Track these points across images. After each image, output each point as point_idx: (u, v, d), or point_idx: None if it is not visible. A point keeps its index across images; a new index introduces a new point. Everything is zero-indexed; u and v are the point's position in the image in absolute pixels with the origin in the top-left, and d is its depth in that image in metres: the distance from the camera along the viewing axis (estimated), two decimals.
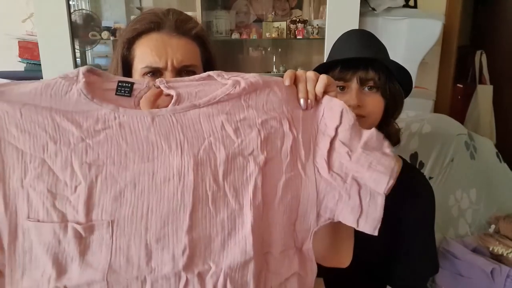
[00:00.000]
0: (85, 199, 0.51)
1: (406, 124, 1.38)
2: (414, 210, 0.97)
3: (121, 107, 0.55)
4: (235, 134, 0.56)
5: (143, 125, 0.54)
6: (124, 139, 0.53)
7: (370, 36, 0.95)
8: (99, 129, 0.53)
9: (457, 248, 1.27)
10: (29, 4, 1.73)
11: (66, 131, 0.53)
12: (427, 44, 1.93)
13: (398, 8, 1.88)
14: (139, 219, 0.52)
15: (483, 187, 1.45)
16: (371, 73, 0.87)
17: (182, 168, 0.53)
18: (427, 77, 2.20)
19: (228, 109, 0.57)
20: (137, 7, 2.11)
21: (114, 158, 0.53)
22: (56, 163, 0.52)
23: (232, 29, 2.05)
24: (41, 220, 0.51)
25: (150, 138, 0.54)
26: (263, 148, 0.56)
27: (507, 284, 1.12)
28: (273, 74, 2.16)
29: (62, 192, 0.52)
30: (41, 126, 0.52)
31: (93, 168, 0.52)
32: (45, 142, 0.52)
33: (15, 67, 1.88)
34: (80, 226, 0.51)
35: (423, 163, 1.39)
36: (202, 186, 0.53)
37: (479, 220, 1.43)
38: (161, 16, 0.75)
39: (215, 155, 0.54)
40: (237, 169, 0.55)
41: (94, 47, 1.94)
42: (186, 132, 0.55)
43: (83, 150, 0.52)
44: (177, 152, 0.54)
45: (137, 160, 0.53)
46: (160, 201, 0.52)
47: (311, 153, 0.59)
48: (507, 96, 2.77)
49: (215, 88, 0.58)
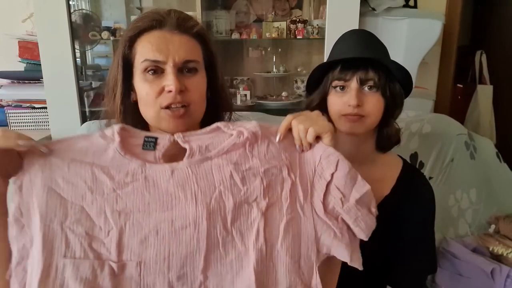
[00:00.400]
0: (116, 242, 0.61)
1: (406, 124, 1.38)
2: (414, 210, 0.97)
3: (147, 163, 0.65)
4: (242, 183, 0.65)
5: (164, 178, 0.64)
6: (148, 190, 0.64)
7: (370, 36, 0.95)
8: (128, 181, 0.64)
9: (457, 248, 1.27)
10: (29, 4, 1.73)
11: (101, 183, 0.63)
12: (427, 44, 1.93)
13: (398, 8, 1.88)
14: (162, 261, 0.61)
15: (483, 187, 1.45)
16: (371, 73, 0.88)
17: (197, 217, 0.62)
18: (427, 77, 2.20)
19: (235, 159, 0.66)
20: (137, 7, 2.11)
21: (139, 207, 0.63)
22: (92, 210, 0.62)
23: (232, 29, 2.05)
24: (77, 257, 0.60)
25: (169, 190, 0.64)
26: (265, 195, 0.65)
27: (507, 284, 1.12)
28: (273, 74, 2.16)
29: (98, 235, 0.62)
30: (82, 178, 0.63)
31: (122, 215, 0.62)
32: (84, 192, 0.63)
33: (15, 67, 1.88)
34: (115, 264, 0.60)
35: (423, 163, 1.39)
36: (214, 233, 0.62)
37: (479, 220, 1.43)
38: (163, 15, 0.75)
39: (224, 204, 0.64)
40: (242, 215, 0.64)
41: (94, 47, 1.94)
42: (200, 183, 0.64)
43: (114, 200, 0.63)
44: (192, 202, 0.63)
45: (158, 209, 0.63)
46: (179, 245, 0.61)
47: (308, 195, 0.67)
48: (507, 96, 2.77)
49: (223, 139, 0.68)
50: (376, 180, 1.02)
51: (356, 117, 0.89)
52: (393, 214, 0.99)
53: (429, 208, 0.99)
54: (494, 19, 2.95)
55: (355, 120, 0.90)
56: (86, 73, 1.92)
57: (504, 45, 2.84)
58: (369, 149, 0.99)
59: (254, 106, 2.05)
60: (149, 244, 0.61)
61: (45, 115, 1.80)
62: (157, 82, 0.73)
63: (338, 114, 0.92)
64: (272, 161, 0.67)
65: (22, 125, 1.84)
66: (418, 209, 0.97)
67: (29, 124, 1.84)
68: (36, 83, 1.83)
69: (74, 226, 0.61)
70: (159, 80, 0.72)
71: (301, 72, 2.17)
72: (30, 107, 1.83)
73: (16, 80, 1.88)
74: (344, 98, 0.91)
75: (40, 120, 1.84)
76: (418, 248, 0.96)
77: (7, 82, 1.88)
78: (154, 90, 0.72)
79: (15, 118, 1.83)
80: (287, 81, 2.23)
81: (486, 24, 3.00)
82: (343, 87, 0.91)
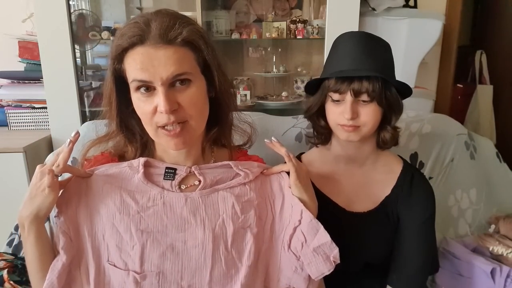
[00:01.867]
0: (139, 255, 0.73)
1: (406, 124, 1.38)
2: (415, 210, 0.97)
3: (165, 190, 0.78)
4: (241, 212, 0.78)
5: (179, 204, 0.77)
6: (165, 214, 0.76)
7: (367, 42, 0.91)
8: (150, 205, 0.76)
9: (457, 248, 1.27)
10: (29, 4, 1.73)
11: (128, 205, 0.76)
12: (427, 44, 1.93)
13: (398, 8, 1.88)
14: (177, 272, 0.74)
15: (483, 187, 1.45)
16: (365, 84, 0.87)
17: (205, 239, 0.75)
18: (427, 77, 2.20)
19: (237, 192, 0.80)
20: (137, 7, 2.11)
21: (159, 227, 0.75)
22: (121, 227, 0.74)
23: (232, 29, 2.05)
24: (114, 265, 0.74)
25: (183, 214, 0.76)
26: (257, 223, 0.79)
27: (507, 284, 1.12)
28: (273, 74, 2.16)
29: (125, 248, 0.74)
30: (112, 200, 0.76)
31: (144, 233, 0.74)
32: (114, 212, 0.75)
33: (15, 67, 1.88)
34: (138, 275, 0.72)
35: (423, 163, 1.39)
36: (217, 253, 0.75)
37: (479, 220, 1.43)
38: (143, 27, 0.69)
39: (226, 230, 0.77)
40: (239, 238, 0.77)
41: (94, 47, 1.94)
42: (208, 211, 0.78)
43: (138, 220, 0.75)
44: (200, 226, 0.76)
45: (174, 230, 0.75)
46: (190, 261, 0.74)
47: (283, 231, 0.81)
48: (507, 96, 2.77)
49: (231, 175, 0.82)
50: (377, 181, 1.02)
51: (351, 127, 0.90)
52: (394, 214, 0.99)
53: (430, 209, 0.99)
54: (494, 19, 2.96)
55: (351, 130, 0.91)
56: (86, 73, 1.92)
57: (504, 45, 2.85)
58: (369, 150, 0.99)
59: (254, 106, 2.05)
60: (166, 258, 0.74)
61: (45, 115, 1.80)
62: (150, 100, 0.70)
63: (335, 123, 0.93)
64: (263, 196, 0.83)
65: (22, 125, 1.84)
66: (418, 209, 0.97)
67: (29, 124, 1.84)
68: (36, 83, 1.83)
69: (109, 238, 0.74)
70: (152, 98, 0.70)
71: (301, 72, 2.17)
72: (30, 107, 1.83)
73: (16, 80, 1.88)
74: (339, 108, 0.91)
75: (40, 120, 1.84)
76: (418, 249, 0.97)
77: (7, 82, 1.88)
78: (148, 110, 0.71)
79: (15, 118, 1.83)
80: (287, 81, 2.23)
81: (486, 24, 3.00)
82: (338, 100, 0.91)
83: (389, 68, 0.93)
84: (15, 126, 1.84)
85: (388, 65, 0.93)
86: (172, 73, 0.68)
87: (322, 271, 0.77)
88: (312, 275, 0.78)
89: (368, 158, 1.00)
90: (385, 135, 0.96)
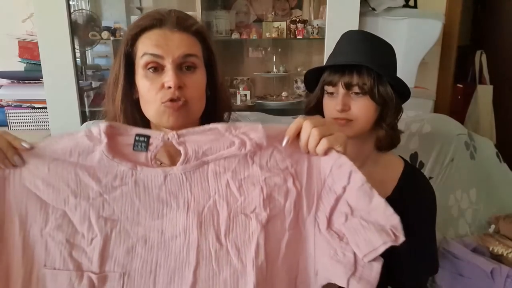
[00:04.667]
0: (99, 251, 0.56)
1: (406, 124, 1.38)
2: (416, 210, 0.97)
3: (138, 166, 0.59)
4: (239, 192, 0.59)
5: (156, 183, 0.59)
6: (137, 196, 0.58)
7: (365, 39, 0.93)
8: (116, 185, 0.58)
9: (457, 248, 1.27)
10: (29, 4, 1.73)
11: (86, 186, 0.58)
12: (427, 44, 1.93)
13: (398, 8, 1.88)
14: (148, 273, 0.56)
15: (483, 187, 1.45)
16: (355, 78, 0.88)
17: (187, 226, 0.57)
18: (427, 77, 2.20)
19: (234, 166, 0.60)
20: (137, 7, 2.11)
21: (128, 214, 0.58)
22: (76, 215, 0.57)
23: (232, 29, 2.05)
24: (57, 268, 0.56)
25: (161, 196, 0.58)
26: (265, 206, 0.58)
27: (507, 284, 1.12)
28: (273, 74, 2.16)
29: (79, 243, 0.57)
30: (65, 181, 0.57)
31: (109, 222, 0.57)
32: (67, 195, 0.57)
33: (15, 67, 1.88)
34: (95, 276, 0.55)
35: (423, 163, 1.38)
36: (205, 244, 0.56)
37: (479, 220, 1.43)
38: (164, 14, 0.77)
39: (218, 213, 0.58)
40: (239, 227, 0.58)
41: (94, 47, 1.94)
42: (194, 190, 0.59)
43: (100, 205, 0.57)
44: (184, 210, 0.58)
45: (148, 217, 0.58)
46: (167, 257, 0.57)
47: (313, 207, 0.59)
48: (507, 96, 2.77)
49: (222, 145, 0.60)
50: (378, 181, 1.01)
51: (343, 121, 0.91)
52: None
53: (431, 209, 0.99)
54: (494, 19, 2.95)
55: (343, 124, 0.91)
56: (86, 73, 1.92)
57: (504, 45, 2.84)
58: (369, 150, 0.99)
59: (254, 106, 2.05)
60: (135, 255, 0.57)
61: (45, 115, 1.80)
62: (157, 79, 0.74)
63: (330, 117, 0.94)
64: (275, 169, 0.60)
65: (22, 125, 1.84)
66: (419, 209, 0.97)
67: (29, 124, 1.84)
68: (36, 83, 1.83)
69: (54, 232, 0.56)
70: (160, 77, 0.74)
71: (301, 72, 2.17)
72: (30, 107, 1.83)
73: (16, 80, 1.88)
74: (334, 102, 0.93)
75: (40, 120, 1.84)
76: (419, 249, 0.96)
77: (7, 82, 1.88)
78: (155, 87, 0.74)
79: (15, 118, 1.83)
80: (287, 81, 2.23)
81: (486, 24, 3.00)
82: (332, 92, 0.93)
83: (387, 66, 0.93)
84: (15, 126, 1.84)
85: (387, 63, 0.93)
86: (184, 52, 0.73)
87: (374, 245, 0.56)
88: (359, 252, 0.56)
89: (368, 159, 1.00)
90: (379, 134, 0.95)
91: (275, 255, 0.58)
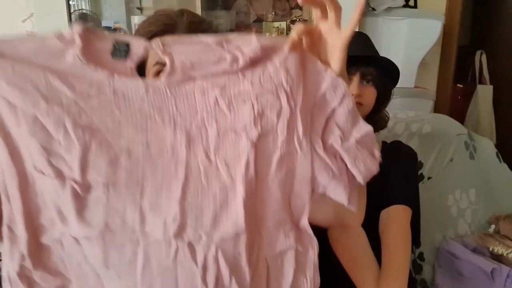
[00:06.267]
0: (79, 159, 0.51)
1: (406, 124, 1.38)
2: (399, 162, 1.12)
3: (116, 74, 0.53)
4: (228, 109, 0.55)
5: (137, 95, 0.54)
6: (117, 107, 0.53)
7: (367, 38, 1.13)
8: (93, 94, 0.53)
9: (457, 248, 1.27)
10: (29, 4, 1.73)
11: (58, 91, 0.52)
12: (427, 44, 1.93)
13: (398, 8, 1.88)
14: (135, 185, 0.53)
15: (482, 187, 1.45)
16: (370, 69, 1.06)
17: (175, 144, 0.54)
18: (427, 77, 2.20)
19: (223, 82, 0.55)
20: (137, 7, 2.11)
21: (108, 124, 0.53)
22: (49, 121, 0.51)
23: (232, 29, 2.05)
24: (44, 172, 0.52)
25: (143, 109, 0.54)
26: (256, 123, 0.55)
27: (507, 284, 1.12)
28: None
29: (57, 150, 0.52)
30: (33, 84, 0.51)
31: (87, 131, 0.52)
32: (36, 99, 0.51)
33: None
34: (77, 185, 0.52)
35: (422, 163, 1.39)
36: (194, 161, 0.54)
37: (478, 220, 1.43)
38: (175, 18, 0.74)
39: (207, 131, 0.55)
40: (228, 144, 0.55)
41: None
42: (179, 106, 0.54)
43: (76, 113, 0.52)
44: (170, 126, 0.54)
45: (131, 129, 0.53)
46: (154, 171, 0.53)
47: (308, 128, 0.57)
48: (507, 96, 2.77)
49: (212, 59, 0.54)
50: None
51: (357, 104, 1.02)
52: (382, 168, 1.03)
53: (412, 162, 1.15)
54: (494, 19, 2.96)
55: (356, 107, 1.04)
56: None
57: (504, 45, 2.85)
58: None
59: None
60: (119, 166, 0.52)
61: None
62: None
63: None
64: (268, 85, 0.55)
65: None
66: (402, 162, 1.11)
67: None
68: None
69: (29, 137, 0.51)
70: None
71: None
72: None
73: None
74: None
75: None
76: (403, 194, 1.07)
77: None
78: None
79: None
80: None
81: (486, 24, 3.00)
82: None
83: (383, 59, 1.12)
84: None
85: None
86: None
87: (371, 169, 0.58)
88: (359, 177, 0.58)
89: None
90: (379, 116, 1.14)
91: (265, 171, 0.56)
